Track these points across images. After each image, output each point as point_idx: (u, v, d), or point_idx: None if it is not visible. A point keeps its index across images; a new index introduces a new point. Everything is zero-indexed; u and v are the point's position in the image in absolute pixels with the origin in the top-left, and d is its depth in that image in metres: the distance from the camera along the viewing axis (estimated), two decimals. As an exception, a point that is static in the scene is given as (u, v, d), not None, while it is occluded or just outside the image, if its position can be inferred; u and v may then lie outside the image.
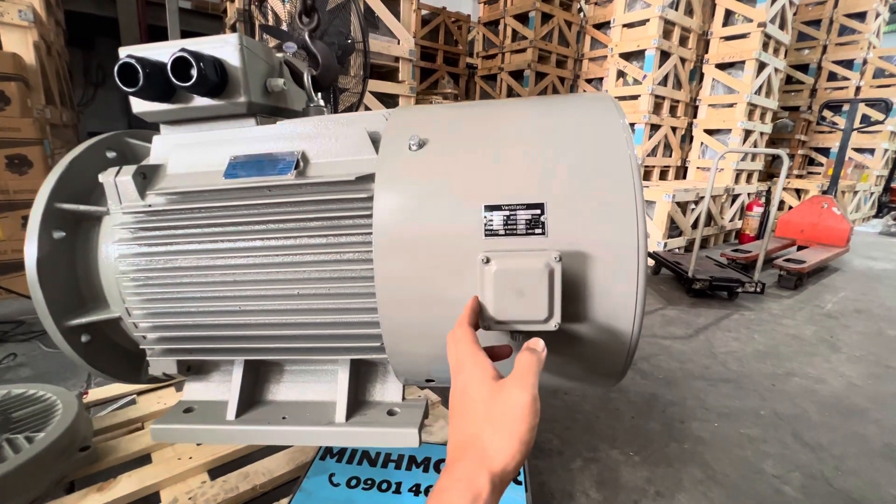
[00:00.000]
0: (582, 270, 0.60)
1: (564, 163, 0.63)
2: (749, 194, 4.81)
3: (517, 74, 5.66)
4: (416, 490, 1.00)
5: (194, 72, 0.69)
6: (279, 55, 0.87)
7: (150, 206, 0.73)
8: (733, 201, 4.67)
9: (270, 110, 0.87)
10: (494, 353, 0.56)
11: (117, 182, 0.74)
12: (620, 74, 4.51)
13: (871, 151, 6.59)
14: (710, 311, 2.69)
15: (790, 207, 5.32)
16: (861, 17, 6.17)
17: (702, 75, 4.62)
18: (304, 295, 0.72)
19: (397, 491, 1.00)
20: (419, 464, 1.08)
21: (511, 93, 5.67)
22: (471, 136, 0.69)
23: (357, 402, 0.82)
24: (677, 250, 3.95)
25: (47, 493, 0.87)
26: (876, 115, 5.64)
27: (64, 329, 0.75)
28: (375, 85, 3.23)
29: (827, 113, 5.44)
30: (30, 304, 0.85)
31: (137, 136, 0.88)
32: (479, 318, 0.57)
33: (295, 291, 0.72)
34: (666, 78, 4.38)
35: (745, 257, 3.43)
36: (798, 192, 5.61)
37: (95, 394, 1.33)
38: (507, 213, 0.62)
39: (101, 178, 0.75)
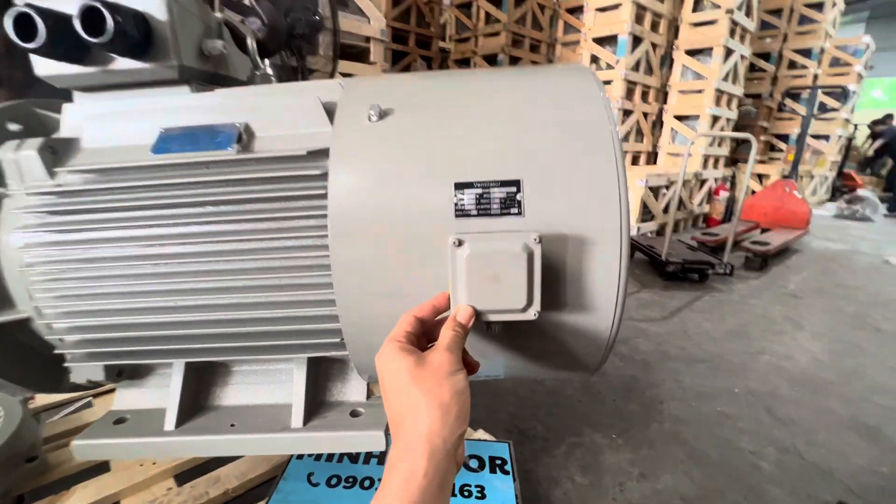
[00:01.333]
0: (561, 254, 0.54)
1: (542, 137, 0.56)
2: (716, 179, 4.92)
3: (491, 59, 5.56)
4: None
5: (109, 25, 0.58)
6: (219, 15, 0.76)
7: (60, 185, 0.62)
8: (701, 186, 4.76)
9: (208, 77, 0.76)
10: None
11: (19, 158, 0.62)
12: (594, 59, 4.48)
13: (827, 138, 6.86)
14: (683, 294, 2.73)
15: (753, 192, 5.49)
16: (819, 7, 6.35)
17: (672, 61, 4.66)
18: (250, 287, 0.62)
19: (378, 490, 0.94)
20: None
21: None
22: (439, 106, 0.62)
23: (316, 404, 0.74)
24: (649, 234, 4.00)
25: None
26: (832, 102, 5.85)
27: None
28: (346, 66, 3.08)
29: (787, 101, 5.60)
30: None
31: (49, 105, 0.75)
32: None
33: (240, 283, 0.62)
34: (638, 63, 4.39)
35: (714, 240, 3.50)
36: (760, 176, 5.79)
37: (44, 398, 1.20)
38: (480, 191, 0.55)
39: (0, 153, 0.63)
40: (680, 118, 4.65)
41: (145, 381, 0.76)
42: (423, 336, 0.49)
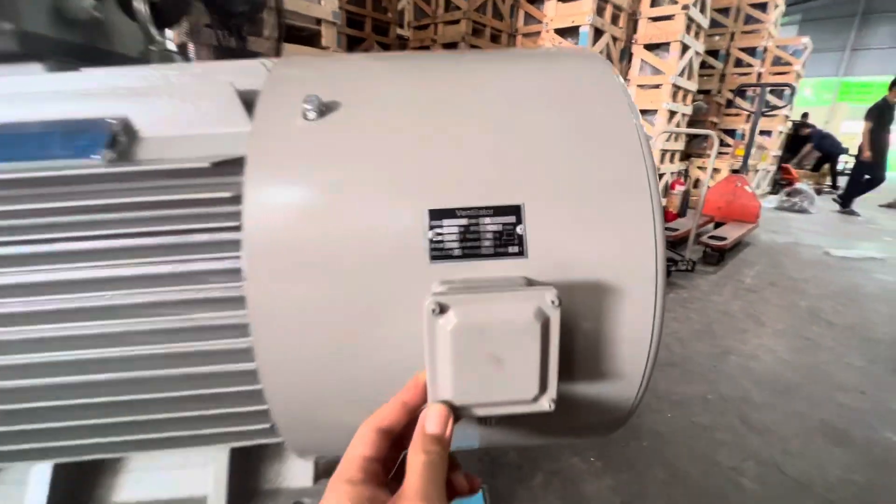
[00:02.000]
0: (576, 307, 0.39)
1: (550, 147, 0.41)
2: (672, 173, 5.03)
3: (451, 47, 5.36)
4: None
5: None
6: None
7: None
8: (658, 180, 4.85)
9: (77, 51, 0.55)
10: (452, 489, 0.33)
11: None
12: (555, 51, 4.41)
13: (769, 133, 7.24)
14: (648, 292, 2.72)
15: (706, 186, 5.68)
16: (763, 7, 6.63)
17: (631, 55, 4.67)
18: (136, 358, 0.43)
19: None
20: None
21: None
22: (407, 100, 0.45)
23: (245, 493, 0.56)
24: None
25: None
26: (775, 100, 6.14)
27: None
28: (295, 50, 2.80)
29: (736, 98, 5.82)
30: None
31: None
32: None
33: (120, 354, 0.43)
34: (598, 56, 4.36)
35: (674, 235, 3.54)
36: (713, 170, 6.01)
37: None
38: (466, 221, 0.39)
39: None
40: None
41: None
42: (393, 448, 0.33)
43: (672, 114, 4.60)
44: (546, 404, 0.35)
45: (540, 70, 0.46)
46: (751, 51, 6.90)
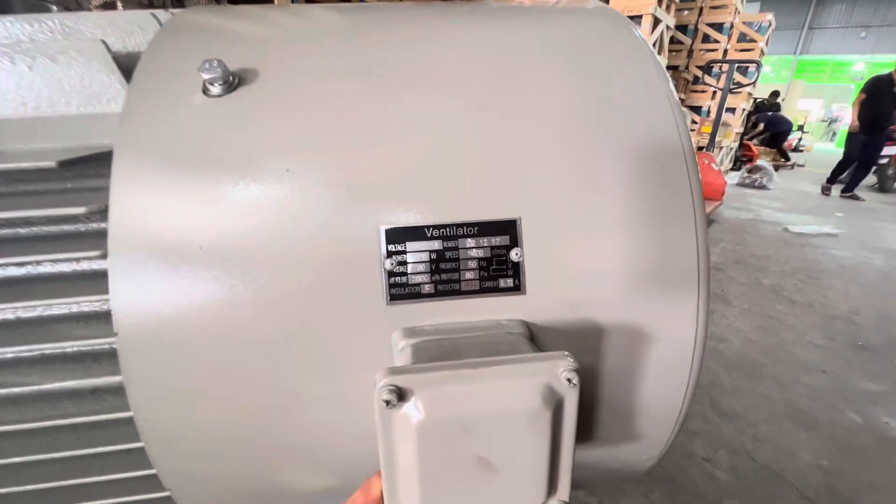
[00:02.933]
0: (591, 359, 0.29)
1: (556, 132, 0.29)
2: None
3: None
4: None
5: None
6: None
7: None
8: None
9: None
10: None
11: None
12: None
13: (733, 111, 7.39)
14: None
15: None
16: (731, -19, 6.62)
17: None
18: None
19: None
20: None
21: None
22: (353, 67, 0.32)
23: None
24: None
25: None
26: (741, 77, 6.23)
27: None
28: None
29: (704, 75, 5.84)
30: None
31: None
32: None
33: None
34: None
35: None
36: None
37: None
38: (439, 243, 0.28)
39: None
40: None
41: None
42: None
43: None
44: None
45: (542, 27, 0.34)
46: (718, 26, 6.92)
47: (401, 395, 0.21)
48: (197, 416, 0.28)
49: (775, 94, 8.63)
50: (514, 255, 0.28)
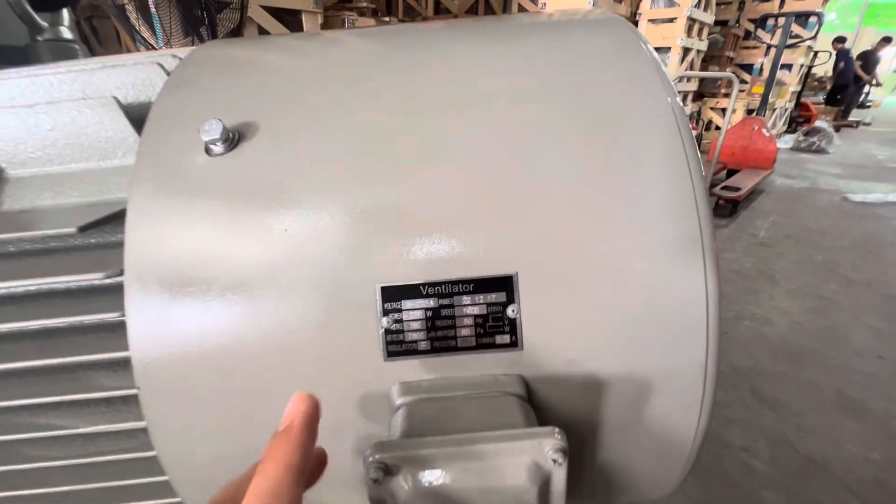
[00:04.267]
0: (591, 410, 0.29)
1: (551, 182, 0.28)
2: (684, 117, 4.74)
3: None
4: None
5: None
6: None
7: None
8: (669, 126, 4.57)
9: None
10: None
11: None
12: (557, -16, 3.99)
13: (789, 67, 6.74)
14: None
15: (717, 128, 5.38)
16: (789, -81, 5.94)
17: (643, -15, 4.24)
18: (18, 473, 0.34)
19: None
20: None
21: (439, 8, 4.94)
22: (354, 123, 0.31)
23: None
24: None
25: None
26: (800, 30, 5.66)
27: None
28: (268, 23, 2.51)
29: (758, 29, 5.34)
30: None
31: None
32: None
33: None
34: (606, -12, 3.94)
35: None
36: (724, 111, 5.66)
37: None
38: (434, 301, 0.28)
39: None
40: (650, 51, 4.32)
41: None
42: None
43: (686, 51, 4.25)
44: None
45: (546, 52, 0.32)
46: (774, -27, 6.26)
47: (388, 470, 0.22)
48: (212, 454, 0.31)
49: (840, 39, 7.74)
50: (510, 311, 0.28)
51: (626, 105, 0.30)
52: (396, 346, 0.28)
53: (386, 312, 0.28)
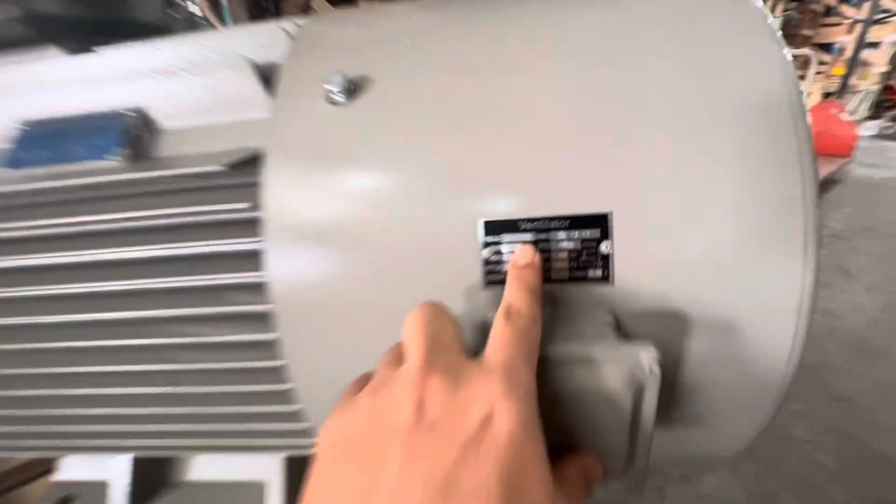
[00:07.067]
0: (675, 343, 0.31)
1: (651, 122, 0.30)
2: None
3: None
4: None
5: None
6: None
7: None
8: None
9: (93, 26, 0.49)
10: None
11: None
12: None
13: (876, 45, 6.08)
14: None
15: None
16: None
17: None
18: (175, 372, 0.41)
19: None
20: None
21: None
22: (456, 67, 0.35)
23: (298, 481, 0.56)
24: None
25: None
26: (891, 3, 5.10)
27: None
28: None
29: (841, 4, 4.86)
30: None
31: None
32: None
33: (155, 368, 0.41)
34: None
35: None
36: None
37: None
38: (531, 235, 0.31)
39: None
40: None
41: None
42: None
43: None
44: (633, 484, 0.28)
45: (646, 15, 0.34)
46: (865, -61, 5.63)
47: None
48: (331, 366, 0.36)
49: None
50: (603, 247, 0.30)
51: (732, 54, 0.31)
52: (494, 275, 0.31)
53: (486, 245, 0.31)
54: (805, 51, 2.38)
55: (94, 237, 0.39)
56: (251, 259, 0.36)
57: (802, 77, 5.85)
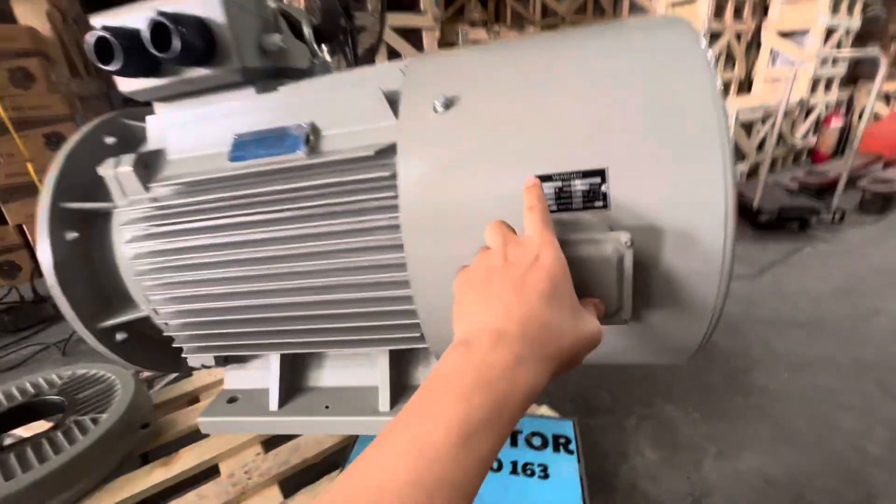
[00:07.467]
0: (652, 248, 0.49)
1: (631, 116, 0.49)
2: (827, 105, 4.20)
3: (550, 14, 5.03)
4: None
5: (176, 39, 0.58)
6: (272, 4, 0.74)
7: (155, 199, 0.67)
8: (807, 115, 4.10)
9: (271, 73, 0.75)
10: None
11: (118, 175, 0.68)
12: (674, -27, 3.87)
13: None
14: (778, 246, 2.45)
15: (877, 117, 4.62)
16: None
17: (775, -36, 3.89)
18: (331, 287, 0.65)
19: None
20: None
21: (546, 12, 5.08)
22: (508, 89, 0.56)
23: (400, 387, 0.78)
24: (738, 177, 3.58)
25: (114, 470, 0.90)
26: None
27: (96, 331, 0.74)
28: (394, 19, 2.96)
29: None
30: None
31: (134, 115, 0.80)
32: None
33: (320, 283, 0.65)
34: (731, -28, 3.72)
35: (821, 181, 3.04)
36: (888, 97, 4.83)
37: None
38: (560, 183, 0.51)
39: (101, 171, 0.69)
40: (784, 35, 3.93)
41: (248, 365, 0.84)
42: None
43: (830, 32, 3.78)
44: (622, 318, 0.47)
45: (625, 46, 0.53)
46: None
47: None
48: (442, 277, 0.57)
49: None
50: (603, 188, 0.49)
51: (672, 72, 0.49)
52: None
53: None
54: (872, 51, 2.32)
55: (288, 199, 0.64)
56: (393, 210, 0.59)
57: (893, 77, 5.39)
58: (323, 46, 0.84)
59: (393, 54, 3.04)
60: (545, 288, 0.37)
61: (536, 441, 1.04)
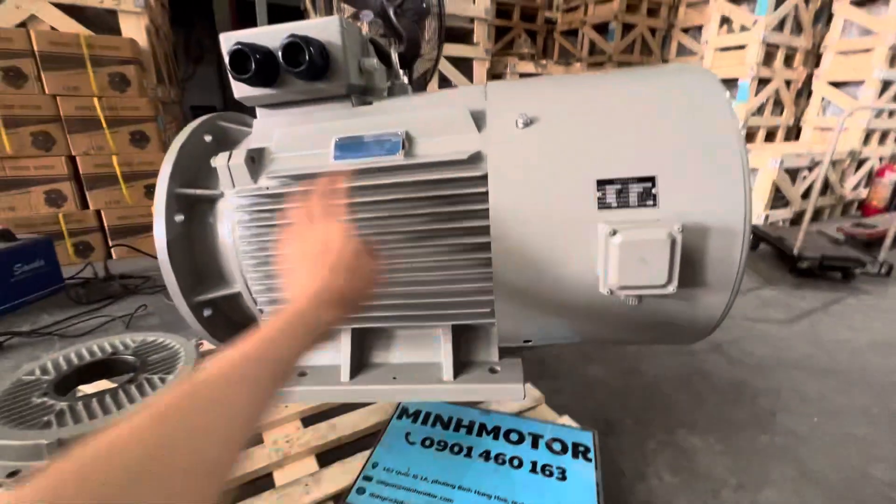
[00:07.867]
0: (689, 239, 0.62)
1: (673, 137, 0.63)
2: (881, 158, 4.11)
3: (601, 28, 5.20)
4: (485, 456, 0.99)
5: (305, 57, 0.72)
6: (365, 33, 0.88)
7: (265, 188, 0.80)
8: (858, 167, 4.02)
9: (361, 90, 0.89)
10: None
11: (231, 166, 0.81)
12: (724, 21, 3.96)
13: None
14: (818, 294, 2.40)
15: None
16: None
17: (830, 16, 3.91)
18: (416, 268, 0.76)
19: (468, 455, 0.99)
20: (489, 431, 1.06)
21: (594, 49, 5.24)
22: (576, 112, 0.70)
23: (460, 364, 0.88)
24: (781, 223, 3.53)
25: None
26: None
27: (192, 304, 0.86)
28: (448, 48, 3.16)
29: None
30: (154, 262, 0.98)
31: (226, 118, 0.95)
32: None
33: (408, 264, 0.76)
34: (783, 21, 3.76)
35: (869, 233, 2.96)
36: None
37: (208, 344, 1.50)
38: (619, 186, 0.64)
39: (214, 162, 0.82)
40: (837, 84, 3.91)
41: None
42: None
43: (886, 84, 3.74)
44: (671, 289, 0.60)
45: (663, 85, 0.69)
46: None
47: (614, 232, 0.59)
48: (522, 232, 0.68)
49: None
50: (654, 191, 0.63)
51: (697, 104, 0.62)
52: (602, 203, 0.64)
53: (598, 189, 0.64)
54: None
55: (387, 189, 0.76)
56: (484, 202, 0.70)
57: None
58: (402, 71, 0.98)
59: (444, 81, 3.24)
60: (333, 261, 0.55)
61: (556, 446, 1.06)
